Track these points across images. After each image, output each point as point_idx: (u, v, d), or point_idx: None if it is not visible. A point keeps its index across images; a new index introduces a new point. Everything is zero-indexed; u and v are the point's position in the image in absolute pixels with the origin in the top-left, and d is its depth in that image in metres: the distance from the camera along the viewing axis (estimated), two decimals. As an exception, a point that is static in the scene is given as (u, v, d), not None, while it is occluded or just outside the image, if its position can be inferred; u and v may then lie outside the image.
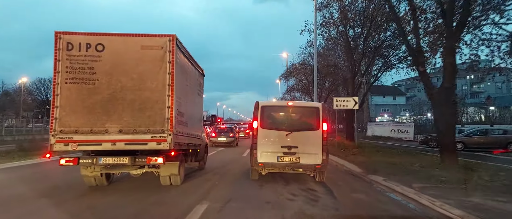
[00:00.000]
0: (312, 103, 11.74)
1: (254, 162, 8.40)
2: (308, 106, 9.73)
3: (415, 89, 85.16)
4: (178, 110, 7.43)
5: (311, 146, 8.23)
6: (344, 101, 18.91)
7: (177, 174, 7.92)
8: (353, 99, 18.79)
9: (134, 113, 6.89)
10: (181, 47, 7.57)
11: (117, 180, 8.76)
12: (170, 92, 6.99)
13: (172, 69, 7.02)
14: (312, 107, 8.99)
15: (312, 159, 8.17)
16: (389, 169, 10.83)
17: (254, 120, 8.63)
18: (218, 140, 22.41)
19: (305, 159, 8.19)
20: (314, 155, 8.19)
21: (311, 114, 8.65)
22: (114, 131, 6.82)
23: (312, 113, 8.61)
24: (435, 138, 23.01)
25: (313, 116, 8.51)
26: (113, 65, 6.91)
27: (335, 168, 12.50)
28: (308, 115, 8.73)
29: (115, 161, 7.05)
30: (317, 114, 8.45)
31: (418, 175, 9.73)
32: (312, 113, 8.63)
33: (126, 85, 6.92)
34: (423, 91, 18.46)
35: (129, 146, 6.89)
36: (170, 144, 6.91)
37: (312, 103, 11.49)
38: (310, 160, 8.18)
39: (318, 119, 8.39)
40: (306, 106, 9.74)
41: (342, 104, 18.74)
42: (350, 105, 18.59)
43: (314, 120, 8.45)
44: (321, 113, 8.44)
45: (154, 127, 6.91)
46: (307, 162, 8.19)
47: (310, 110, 8.87)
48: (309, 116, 8.65)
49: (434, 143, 23.65)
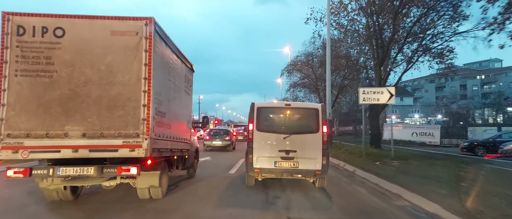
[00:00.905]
0: (311, 104, 11.00)
1: (250, 168, 7.92)
2: (307, 107, 9.34)
3: (422, 89, 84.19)
4: (158, 110, 6.16)
5: (311, 150, 7.86)
6: (375, 93, 14.27)
7: (157, 186, 6.63)
8: (388, 90, 14.07)
9: (102, 112, 5.62)
10: (161, 34, 6.30)
11: (88, 192, 7.45)
12: (147, 88, 5.72)
13: (149, 60, 5.76)
14: (311, 109, 8.55)
15: (312, 164, 7.80)
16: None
17: (249, 122, 8.12)
18: (212, 143, 21.03)
19: (304, 164, 7.81)
20: (314, 159, 7.81)
21: (310, 115, 8.26)
22: (76, 135, 5.54)
23: (311, 115, 8.22)
24: (485, 144, 20.77)
25: (313, 118, 8.13)
26: (76, 54, 5.64)
27: (383, 199, 7.39)
28: (307, 117, 8.36)
29: (78, 172, 5.76)
30: (317, 116, 8.08)
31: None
32: (311, 114, 8.23)
33: (91, 79, 5.64)
34: (430, 92, 16.84)
35: (95, 153, 5.61)
36: (146, 150, 5.64)
37: (311, 104, 10.75)
38: (309, 165, 7.81)
39: (317, 121, 8.02)
40: (305, 107, 9.41)
41: (372, 98, 14.28)
42: (382, 99, 14.15)
43: (314, 122, 8.06)
44: (321, 115, 8.06)
45: (126, 130, 5.64)
46: (306, 167, 7.81)
47: (309, 111, 8.44)
48: (308, 118, 8.27)
49: (483, 150, 20.35)
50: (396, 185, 8.35)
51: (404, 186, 8.04)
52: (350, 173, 11.65)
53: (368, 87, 17.00)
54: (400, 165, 11.90)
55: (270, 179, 9.07)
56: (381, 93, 14.13)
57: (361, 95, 14.44)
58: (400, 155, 14.96)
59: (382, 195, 7.89)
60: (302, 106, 9.95)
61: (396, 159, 13.58)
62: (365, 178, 10.30)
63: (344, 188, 8.89)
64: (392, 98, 14.00)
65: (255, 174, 8.11)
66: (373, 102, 14.55)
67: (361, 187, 9.00)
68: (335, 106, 38.68)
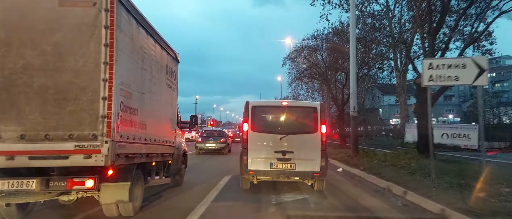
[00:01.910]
0: (309, 103, 10.70)
1: (244, 170, 7.63)
2: (305, 106, 9.25)
3: None
4: (125, 105, 4.82)
5: (309, 151, 7.58)
6: (452, 67, 8.64)
7: (126, 201, 5.22)
8: (475, 63, 8.40)
9: (47, 107, 4.28)
10: (130, 8, 4.96)
11: (42, 207, 6.04)
12: (108, 75, 4.39)
13: (111, 39, 4.43)
14: (309, 107, 8.34)
15: (310, 166, 7.49)
16: None
17: (244, 122, 7.84)
18: (205, 146, 19.56)
19: (301, 165, 7.51)
20: (312, 161, 7.50)
21: (308, 114, 7.94)
22: (12, 137, 4.19)
23: (309, 114, 7.89)
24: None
25: (310, 117, 7.82)
26: (12, 30, 4.30)
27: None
28: (304, 116, 8.05)
29: (14, 187, 4.40)
30: (315, 115, 7.77)
31: None
32: (309, 113, 7.91)
33: (33, 63, 4.30)
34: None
35: (37, 162, 4.27)
36: (106, 157, 4.30)
37: (309, 103, 10.45)
38: (307, 166, 7.50)
39: (316, 121, 7.73)
40: (302, 106, 9.29)
41: (446, 76, 8.68)
42: (465, 77, 8.54)
43: (312, 121, 7.78)
44: (319, 114, 7.76)
45: (79, 130, 4.30)
46: (304, 169, 7.51)
47: (307, 110, 8.15)
48: (306, 117, 7.96)
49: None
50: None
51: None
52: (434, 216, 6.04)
53: (438, 59, 10.92)
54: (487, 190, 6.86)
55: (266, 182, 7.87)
56: (462, 67, 8.50)
57: (427, 71, 8.76)
58: (498, 174, 8.93)
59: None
60: (299, 104, 9.70)
61: (498, 179, 8.04)
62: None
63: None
64: (483, 76, 8.33)
65: (250, 177, 7.76)
66: (448, 82, 8.95)
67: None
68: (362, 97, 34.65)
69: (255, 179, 7.83)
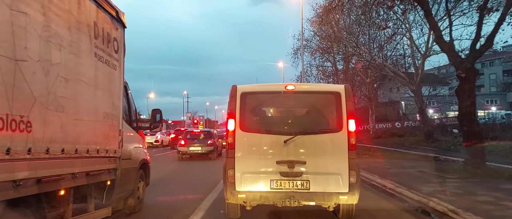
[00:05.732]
0: (328, 86, 7.81)
1: (230, 192, 5.05)
2: (322, 90, 6.35)
3: (454, 80, 73.48)
4: None
5: (329, 160, 5.10)
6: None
7: None
8: None
9: None
10: None
11: None
12: None
13: None
14: (329, 92, 5.68)
15: (332, 184, 5.00)
16: None
17: (229, 117, 5.23)
18: (189, 150, 16.56)
19: (318, 183, 4.99)
20: (335, 176, 5.01)
21: (327, 103, 5.49)
22: None
23: (330, 102, 5.38)
24: None
25: (332, 108, 5.32)
26: None
27: None
28: (322, 106, 5.62)
29: None
30: (338, 104, 5.19)
31: None
32: (330, 101, 5.38)
33: None
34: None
35: None
36: None
37: (329, 86, 7.68)
38: (328, 185, 5.00)
39: (340, 113, 5.16)
40: (319, 90, 6.34)
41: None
42: None
43: (334, 114, 5.28)
44: (344, 103, 5.15)
45: None
46: (322, 188, 4.99)
47: (326, 97, 5.58)
48: (325, 108, 5.56)
49: None
50: None
51: None
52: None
53: None
54: None
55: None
56: None
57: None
58: None
59: None
60: (314, 88, 6.87)
61: None
62: None
63: None
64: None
65: (239, 201, 5.13)
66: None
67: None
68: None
69: (248, 204, 5.21)
